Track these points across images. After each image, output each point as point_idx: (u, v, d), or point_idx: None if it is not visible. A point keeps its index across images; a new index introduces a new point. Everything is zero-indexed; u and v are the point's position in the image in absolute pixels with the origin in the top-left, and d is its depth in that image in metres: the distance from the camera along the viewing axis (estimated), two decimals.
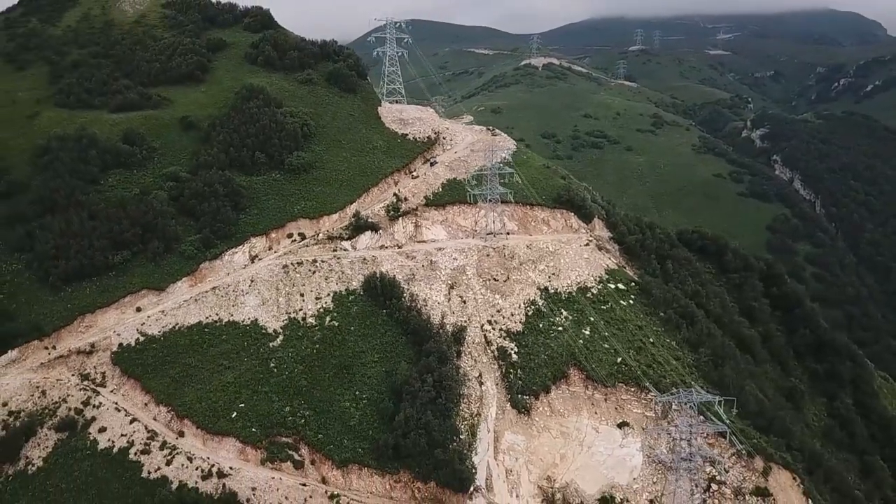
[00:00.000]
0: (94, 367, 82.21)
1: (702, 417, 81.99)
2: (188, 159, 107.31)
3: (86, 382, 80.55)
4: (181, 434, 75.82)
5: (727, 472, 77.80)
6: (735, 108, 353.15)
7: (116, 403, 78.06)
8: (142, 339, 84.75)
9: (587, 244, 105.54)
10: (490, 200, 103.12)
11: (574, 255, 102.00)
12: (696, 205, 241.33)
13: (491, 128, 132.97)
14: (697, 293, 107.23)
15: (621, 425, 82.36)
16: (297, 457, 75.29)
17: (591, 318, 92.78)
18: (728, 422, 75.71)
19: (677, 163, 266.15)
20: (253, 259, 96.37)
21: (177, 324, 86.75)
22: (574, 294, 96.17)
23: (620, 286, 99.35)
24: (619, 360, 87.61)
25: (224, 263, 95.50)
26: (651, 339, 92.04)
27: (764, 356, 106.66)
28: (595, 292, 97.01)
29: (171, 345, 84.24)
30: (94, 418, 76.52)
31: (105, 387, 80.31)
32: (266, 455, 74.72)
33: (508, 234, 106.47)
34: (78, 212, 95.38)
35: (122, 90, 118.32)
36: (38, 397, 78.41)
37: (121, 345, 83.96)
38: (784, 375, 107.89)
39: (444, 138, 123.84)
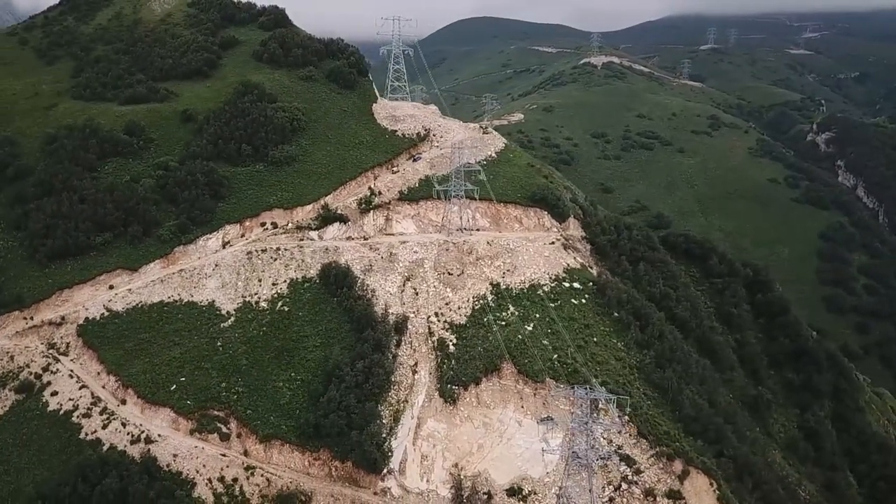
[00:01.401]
0: (61, 337, 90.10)
1: (626, 417, 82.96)
2: (181, 150, 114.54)
3: (51, 351, 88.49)
4: (123, 402, 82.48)
5: (640, 473, 77.96)
6: (804, 110, 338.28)
7: (72, 371, 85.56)
8: (106, 314, 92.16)
9: (553, 242, 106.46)
10: (455, 197, 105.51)
11: (534, 252, 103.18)
12: (744, 210, 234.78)
13: (484, 126, 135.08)
14: (666, 296, 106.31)
15: (545, 420, 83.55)
16: (224, 429, 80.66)
17: (537, 315, 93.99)
18: (618, 420, 75.97)
19: (729, 166, 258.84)
20: (224, 245, 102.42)
21: (141, 301, 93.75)
22: (525, 290, 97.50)
23: (576, 285, 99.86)
24: (555, 356, 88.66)
25: (197, 248, 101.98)
26: (595, 339, 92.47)
27: (731, 363, 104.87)
28: (547, 290, 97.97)
29: (132, 320, 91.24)
30: (49, 383, 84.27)
31: (67, 355, 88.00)
32: (196, 426, 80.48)
33: (478, 229, 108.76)
34: (69, 195, 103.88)
35: (134, 84, 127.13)
36: (7, 361, 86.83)
37: (87, 318, 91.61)
38: (753, 383, 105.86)
39: (434, 135, 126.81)
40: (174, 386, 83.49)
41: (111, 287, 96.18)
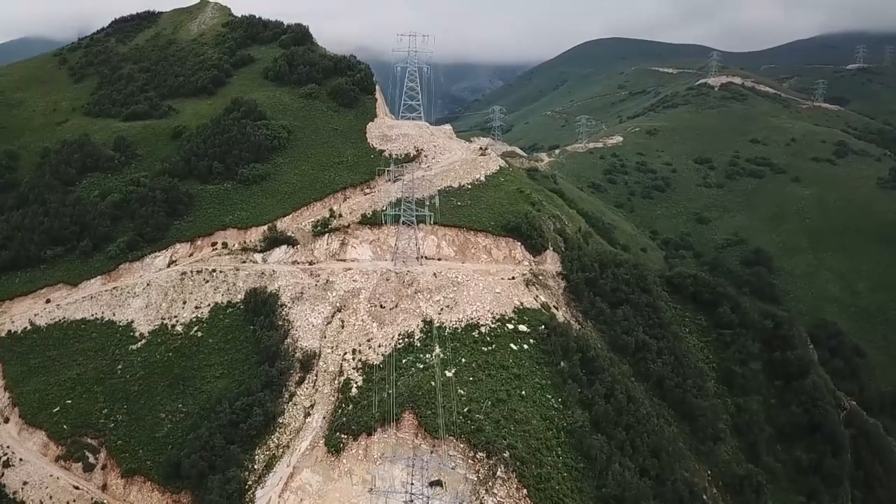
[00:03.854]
0: None
1: (525, 491, 69.85)
2: (160, 166, 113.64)
3: None
4: (6, 420, 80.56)
5: None
6: None
7: None
8: (29, 328, 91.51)
9: (512, 277, 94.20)
10: (404, 223, 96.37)
11: (483, 287, 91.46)
12: (863, 248, 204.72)
13: (483, 147, 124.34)
14: (644, 346, 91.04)
15: (434, 484, 72.03)
16: (91, 459, 76.46)
17: (463, 359, 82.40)
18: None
19: (852, 198, 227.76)
20: (170, 264, 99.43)
21: (64, 318, 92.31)
22: (459, 331, 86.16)
23: (522, 328, 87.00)
24: (466, 409, 76.79)
25: (143, 266, 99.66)
26: (523, 392, 79.31)
27: (717, 433, 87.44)
28: (484, 331, 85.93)
29: (47, 336, 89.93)
30: None
31: None
32: (65, 452, 76.85)
33: (440, 259, 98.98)
34: (37, 208, 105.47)
35: (141, 101, 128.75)
36: None
37: (9, 331, 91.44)
38: (746, 460, 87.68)
39: (426, 156, 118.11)
40: (57, 408, 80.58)
41: (48, 301, 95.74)
